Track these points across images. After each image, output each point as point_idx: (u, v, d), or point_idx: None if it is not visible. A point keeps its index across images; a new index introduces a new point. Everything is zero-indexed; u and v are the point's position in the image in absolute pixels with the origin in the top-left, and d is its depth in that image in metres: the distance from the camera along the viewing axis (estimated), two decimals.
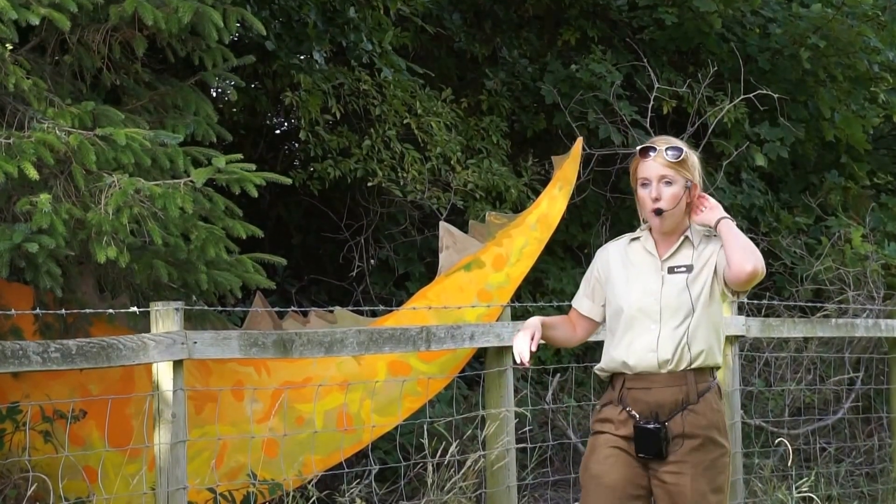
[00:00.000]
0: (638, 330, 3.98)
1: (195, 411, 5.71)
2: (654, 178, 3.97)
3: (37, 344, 4.50)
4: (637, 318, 3.98)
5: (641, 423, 3.95)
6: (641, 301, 3.98)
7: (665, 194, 3.97)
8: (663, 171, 3.97)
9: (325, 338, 5.33)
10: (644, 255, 4.05)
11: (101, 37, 5.81)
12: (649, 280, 4.00)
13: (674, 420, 3.94)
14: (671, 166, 3.97)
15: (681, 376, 3.95)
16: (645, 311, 3.97)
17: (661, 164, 3.97)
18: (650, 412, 3.95)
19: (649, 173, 3.99)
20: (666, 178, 3.97)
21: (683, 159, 3.97)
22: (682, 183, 3.97)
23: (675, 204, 3.97)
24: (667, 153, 3.97)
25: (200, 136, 6.12)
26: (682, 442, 3.93)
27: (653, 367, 3.95)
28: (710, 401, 3.97)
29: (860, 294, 9.12)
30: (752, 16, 10.02)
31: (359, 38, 8.23)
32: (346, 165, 8.17)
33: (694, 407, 3.94)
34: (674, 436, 3.93)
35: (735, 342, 6.94)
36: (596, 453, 4.01)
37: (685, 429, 3.93)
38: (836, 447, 8.49)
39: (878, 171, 10.92)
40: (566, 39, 9.79)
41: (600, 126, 9.21)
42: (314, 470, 5.96)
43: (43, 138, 5.18)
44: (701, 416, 3.94)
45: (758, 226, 10.04)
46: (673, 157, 3.97)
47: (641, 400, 3.96)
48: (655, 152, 3.98)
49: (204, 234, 5.55)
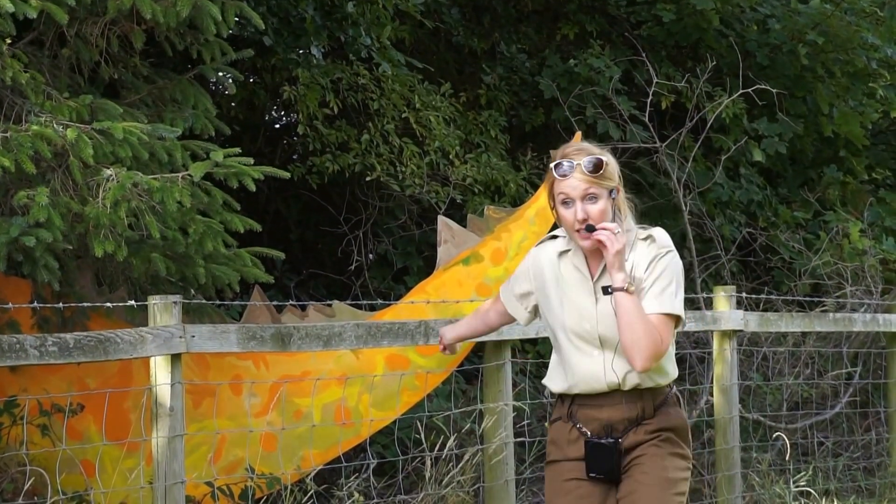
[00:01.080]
0: (580, 356, 3.69)
1: (193, 405, 5.71)
2: (577, 196, 3.61)
3: (34, 338, 4.50)
4: (577, 344, 3.69)
5: (593, 438, 3.68)
6: (579, 326, 3.68)
7: (592, 212, 3.61)
8: (585, 187, 3.61)
9: (324, 332, 5.33)
10: (574, 272, 3.71)
11: (99, 30, 5.80)
12: (583, 303, 3.68)
13: (627, 436, 3.69)
14: (593, 181, 3.61)
15: (636, 394, 3.67)
16: (584, 337, 3.68)
17: (582, 180, 3.61)
18: (603, 428, 3.69)
19: (570, 192, 3.62)
20: (589, 194, 3.62)
21: (604, 169, 3.62)
22: (606, 195, 3.62)
23: (604, 219, 3.62)
24: (586, 167, 3.60)
25: (199, 130, 6.12)
26: (634, 449, 3.69)
27: (602, 390, 3.68)
28: (665, 412, 3.71)
29: (858, 289, 9.12)
30: (751, 11, 10.02)
31: (357, 32, 8.21)
32: (344, 160, 8.17)
33: (649, 420, 3.69)
34: (628, 448, 3.69)
35: (733, 336, 6.94)
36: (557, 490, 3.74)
37: (638, 439, 3.69)
38: (834, 441, 8.49)
39: (877, 167, 10.92)
40: (565, 34, 9.78)
41: (599, 121, 9.21)
42: (312, 464, 5.96)
43: (40, 132, 5.17)
44: (656, 423, 3.69)
45: (756, 220, 10.04)
46: (593, 170, 3.60)
47: (594, 418, 3.70)
48: (573, 167, 3.61)
49: (202, 227, 5.54)
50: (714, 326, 6.87)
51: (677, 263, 3.68)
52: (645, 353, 3.55)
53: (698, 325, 6.80)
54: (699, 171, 9.58)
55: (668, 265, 3.65)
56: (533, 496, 7.23)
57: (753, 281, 9.88)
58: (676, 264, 3.68)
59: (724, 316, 6.86)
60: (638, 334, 3.55)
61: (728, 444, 6.92)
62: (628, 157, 9.45)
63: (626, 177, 10.47)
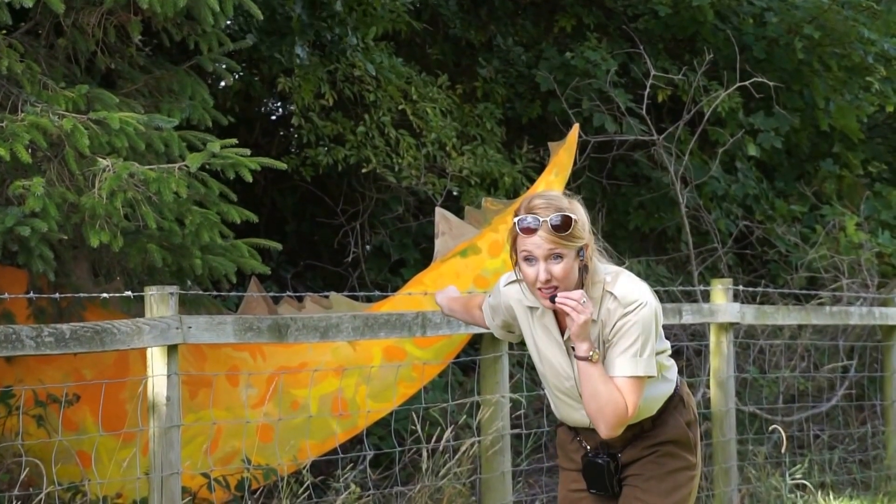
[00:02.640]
0: (568, 409, 3.62)
1: (189, 396, 5.70)
2: (541, 256, 3.39)
3: (30, 328, 4.48)
4: (562, 398, 3.61)
5: (590, 455, 3.61)
6: (559, 384, 3.58)
7: (555, 272, 3.40)
8: (550, 247, 3.39)
9: (321, 323, 5.32)
10: (545, 331, 3.57)
11: (96, 20, 5.78)
12: (560, 362, 3.56)
13: (625, 452, 3.61)
14: (559, 240, 3.38)
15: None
16: (567, 393, 3.59)
17: (547, 239, 3.38)
18: (600, 445, 3.61)
19: (534, 250, 3.40)
20: (554, 254, 3.40)
21: (572, 228, 3.38)
22: (573, 254, 3.41)
23: (569, 280, 3.42)
24: (553, 226, 3.37)
25: (196, 121, 6.10)
26: (633, 465, 3.60)
27: None
28: (667, 420, 3.59)
29: (854, 282, 9.13)
30: (748, 5, 10.01)
31: (344, 31, 8.17)
32: (338, 153, 8.15)
33: (648, 433, 3.60)
34: (626, 463, 3.60)
35: (730, 329, 6.95)
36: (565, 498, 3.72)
37: (636, 453, 3.60)
38: (830, 434, 8.50)
39: (873, 160, 10.93)
40: (562, 27, 9.77)
41: (595, 114, 9.20)
42: (309, 455, 5.96)
43: (36, 122, 5.16)
44: (656, 438, 3.58)
45: (753, 214, 10.05)
46: (559, 230, 3.37)
47: (591, 438, 3.62)
48: (538, 224, 3.37)
49: (198, 218, 5.53)
50: (711, 319, 6.87)
51: (645, 315, 3.45)
52: (609, 421, 3.43)
53: (695, 318, 6.80)
54: (696, 165, 9.58)
55: (635, 321, 3.44)
56: (529, 488, 7.23)
57: (750, 274, 9.89)
58: (644, 317, 3.45)
59: (720, 308, 6.87)
60: (601, 403, 3.41)
61: (724, 436, 6.92)
62: (625, 150, 9.45)
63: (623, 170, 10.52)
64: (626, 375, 3.45)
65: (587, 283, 3.47)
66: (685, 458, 3.59)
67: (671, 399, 3.61)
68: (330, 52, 8.25)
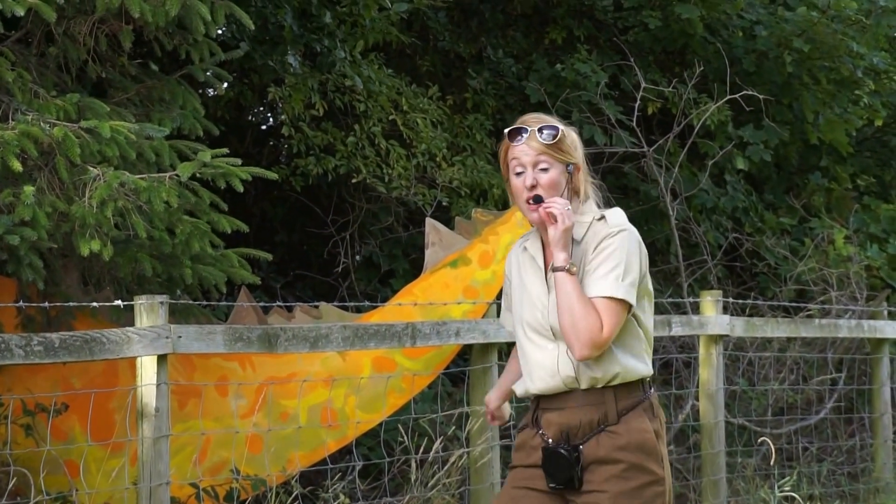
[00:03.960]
0: (534, 350, 3.49)
1: (178, 406, 5.68)
2: (529, 164, 3.44)
3: (19, 337, 4.47)
4: (532, 337, 3.49)
5: (551, 446, 3.44)
6: (532, 318, 3.48)
7: (542, 181, 3.43)
8: (538, 155, 3.44)
9: (311, 333, 5.32)
10: (530, 262, 3.53)
11: (88, 29, 5.77)
12: (537, 292, 3.49)
13: (588, 444, 3.42)
14: (547, 150, 3.43)
15: (598, 394, 3.42)
16: (537, 329, 3.48)
17: (536, 148, 3.43)
18: (562, 434, 3.44)
19: (522, 159, 3.44)
20: (542, 164, 3.43)
21: (560, 139, 3.43)
22: (560, 168, 3.44)
23: (555, 192, 3.43)
24: (540, 134, 3.43)
25: (187, 130, 6.10)
26: (599, 468, 3.41)
27: (560, 389, 3.45)
28: (634, 420, 3.43)
29: (843, 295, 9.15)
30: (738, 18, 10.04)
31: (333, 44, 8.18)
32: (328, 163, 8.15)
33: (613, 428, 3.42)
34: (589, 461, 3.42)
35: (719, 341, 6.95)
36: (502, 495, 3.55)
37: (602, 452, 3.41)
38: (819, 447, 8.51)
39: (861, 174, 10.97)
40: (552, 39, 9.79)
41: (585, 126, 9.22)
42: (298, 466, 5.95)
43: (27, 130, 5.15)
44: (620, 437, 3.41)
45: (742, 226, 10.07)
46: (548, 139, 3.43)
47: (555, 422, 3.46)
48: (527, 134, 3.43)
49: (189, 228, 5.52)
50: (700, 331, 6.88)
51: (631, 244, 3.43)
52: (583, 338, 3.33)
53: (685, 330, 6.81)
54: (685, 177, 9.60)
55: (619, 245, 3.41)
56: None
57: (739, 286, 9.91)
58: (629, 244, 3.42)
59: (710, 321, 6.87)
60: (575, 318, 3.34)
61: (713, 448, 6.93)
62: (615, 162, 9.46)
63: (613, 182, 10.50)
64: (604, 295, 3.37)
65: (576, 206, 3.47)
66: (653, 471, 3.42)
67: (641, 401, 3.46)
68: (320, 64, 8.26)
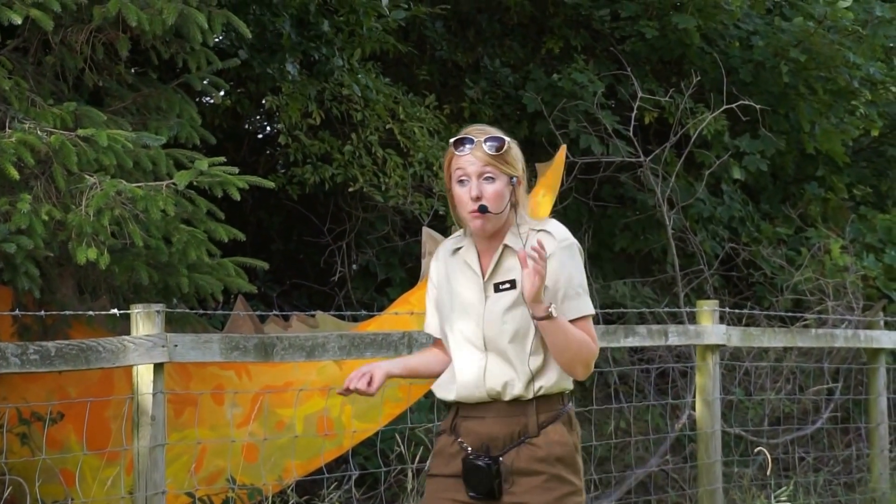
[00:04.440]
0: (464, 359, 3.49)
1: (174, 415, 5.68)
2: (474, 174, 3.44)
3: (15, 345, 4.46)
4: (462, 345, 3.50)
5: (471, 457, 3.46)
6: (464, 326, 3.49)
7: (487, 192, 3.44)
8: (483, 166, 3.44)
9: (307, 342, 5.31)
10: (465, 269, 3.54)
11: (85, 37, 5.77)
12: (472, 300, 3.50)
13: (508, 455, 3.44)
14: (492, 161, 3.44)
15: (520, 406, 3.45)
16: (468, 336, 3.49)
17: (481, 158, 3.44)
18: (481, 445, 3.46)
19: (468, 168, 3.45)
20: (487, 174, 3.44)
21: (506, 151, 3.45)
22: (505, 179, 3.45)
23: (500, 203, 3.44)
24: (487, 145, 3.44)
25: (184, 139, 6.10)
26: (519, 480, 3.43)
27: (484, 399, 3.47)
28: (553, 433, 3.46)
29: (839, 305, 9.15)
30: (734, 28, 10.06)
31: (331, 52, 8.19)
32: (325, 171, 8.15)
33: (533, 440, 3.44)
34: (509, 472, 3.44)
35: (716, 351, 6.95)
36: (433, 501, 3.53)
37: (522, 464, 3.43)
38: (815, 457, 8.51)
39: (857, 184, 10.98)
40: (549, 48, 9.80)
41: (582, 135, 9.22)
42: (294, 475, 5.94)
43: (24, 138, 5.15)
44: (540, 449, 3.44)
45: (738, 236, 10.08)
46: (493, 150, 3.44)
47: (474, 431, 3.47)
48: (473, 144, 3.45)
49: (185, 236, 5.52)
50: (697, 341, 6.88)
51: (578, 253, 3.52)
52: (587, 361, 3.43)
53: (681, 339, 6.81)
54: (682, 187, 9.60)
55: (574, 259, 3.49)
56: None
57: (736, 296, 9.91)
58: (579, 257, 3.52)
59: (706, 330, 6.87)
60: (574, 350, 3.40)
61: (710, 458, 6.92)
62: (611, 172, 9.47)
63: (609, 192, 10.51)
64: (584, 314, 3.46)
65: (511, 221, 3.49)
66: (572, 482, 3.46)
67: (560, 413, 3.49)
68: (318, 72, 8.27)
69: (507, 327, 3.44)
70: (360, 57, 8.34)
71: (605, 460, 7.96)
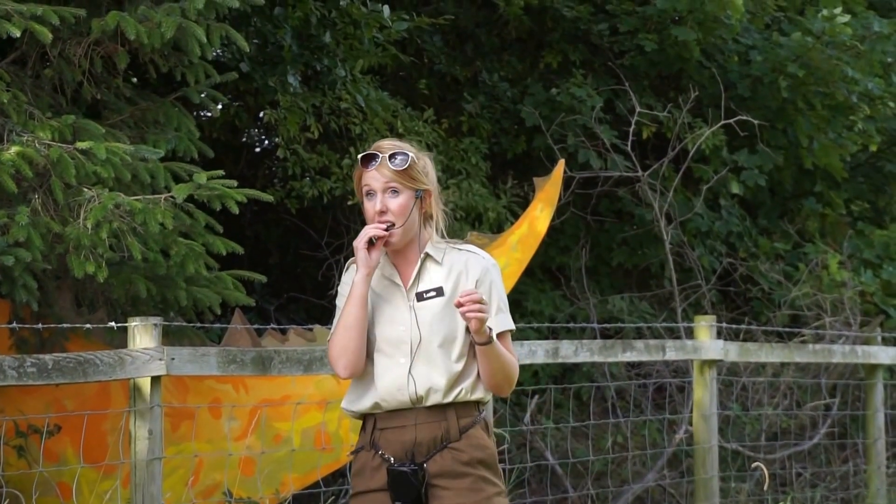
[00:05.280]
0: (385, 364, 3.53)
1: (171, 428, 5.67)
2: (379, 189, 3.53)
3: (13, 358, 4.46)
4: (385, 351, 3.53)
5: (395, 465, 3.48)
6: (389, 333, 3.53)
7: (392, 206, 3.52)
8: (387, 181, 3.52)
9: (304, 356, 5.31)
10: (386, 283, 3.58)
11: (83, 50, 5.77)
12: (397, 311, 3.55)
13: (433, 460, 3.50)
14: (396, 176, 3.52)
15: (439, 412, 3.51)
16: (393, 343, 3.53)
17: (385, 174, 3.52)
18: (405, 453, 3.50)
19: (373, 184, 3.54)
20: (391, 188, 3.53)
21: (410, 166, 3.52)
22: (409, 193, 3.53)
23: (404, 216, 3.52)
24: (391, 161, 3.52)
25: (182, 152, 6.09)
26: (447, 483, 3.49)
27: (405, 405, 3.51)
28: (474, 437, 3.53)
29: (837, 320, 9.16)
30: (733, 43, 10.07)
31: (333, 63, 8.21)
32: (323, 185, 8.15)
33: (456, 444, 3.51)
34: (434, 475, 3.49)
35: (713, 366, 6.95)
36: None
37: (446, 467, 3.50)
38: (812, 472, 8.50)
39: (855, 199, 10.98)
40: (548, 63, 9.81)
41: (580, 150, 9.23)
42: (291, 488, 5.93)
43: (22, 151, 5.14)
44: (463, 453, 3.50)
45: (736, 251, 10.08)
46: (398, 165, 3.52)
47: (396, 441, 3.51)
48: (378, 161, 3.53)
49: (184, 250, 5.52)
50: (694, 356, 6.88)
51: (499, 272, 3.64)
52: (513, 380, 3.57)
53: (679, 355, 6.81)
54: (680, 201, 9.61)
55: (500, 277, 3.61)
56: None
57: (733, 311, 9.91)
58: (499, 273, 3.63)
59: (704, 345, 6.87)
60: (507, 371, 3.53)
61: (707, 473, 6.91)
62: (609, 187, 9.48)
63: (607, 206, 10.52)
64: (508, 329, 3.59)
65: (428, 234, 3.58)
66: (497, 484, 3.56)
67: (477, 420, 3.56)
68: (320, 84, 8.28)
69: (435, 333, 3.51)
70: (361, 69, 8.36)
71: (601, 475, 7.96)
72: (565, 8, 9.64)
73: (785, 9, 10.39)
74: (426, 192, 3.57)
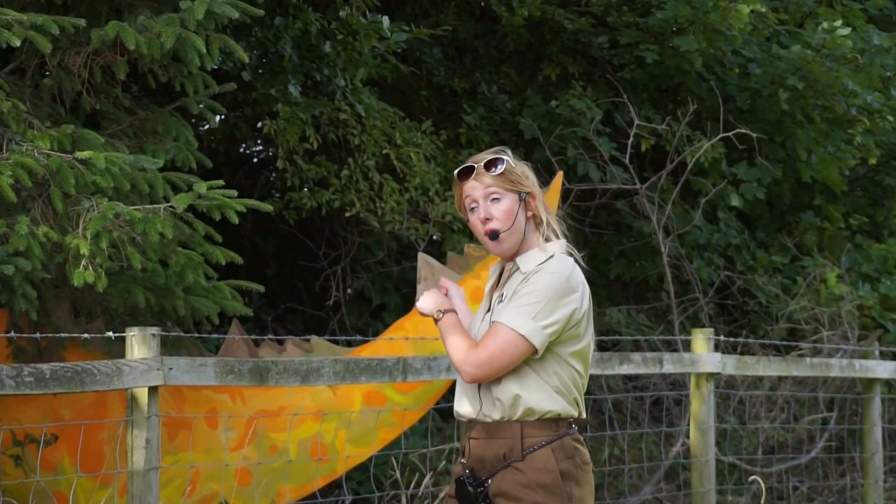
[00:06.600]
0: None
1: (168, 438, 5.67)
2: (480, 197, 3.47)
3: (10, 368, 4.45)
4: None
5: (461, 479, 3.46)
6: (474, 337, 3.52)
7: (495, 212, 3.45)
8: (487, 188, 3.46)
9: (302, 367, 5.30)
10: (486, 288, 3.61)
11: (82, 60, 5.78)
12: (477, 316, 3.57)
13: (496, 478, 3.42)
14: (495, 181, 3.45)
15: (506, 427, 3.41)
16: None
17: (484, 181, 3.46)
18: (474, 464, 3.47)
19: (474, 194, 3.48)
20: (493, 195, 3.46)
21: (507, 169, 3.46)
22: (513, 197, 3.46)
23: (510, 221, 3.45)
24: (487, 168, 3.46)
25: (181, 162, 6.10)
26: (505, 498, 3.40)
27: (471, 416, 3.47)
28: (539, 459, 3.39)
29: (835, 334, 9.16)
30: (732, 55, 10.09)
31: (333, 73, 8.22)
32: (322, 196, 8.16)
33: (518, 464, 3.39)
34: (494, 494, 3.41)
35: (710, 379, 6.94)
36: None
37: (505, 487, 3.40)
38: (809, 486, 8.50)
39: (854, 213, 10.99)
40: (546, 75, 9.83)
41: (579, 162, 9.24)
42: (287, 499, 5.92)
43: (21, 161, 5.15)
44: (523, 475, 3.38)
45: (734, 264, 10.08)
46: (494, 171, 3.46)
47: (472, 452, 3.48)
48: (474, 171, 3.48)
49: (183, 259, 5.52)
50: (692, 369, 6.87)
51: (554, 284, 3.40)
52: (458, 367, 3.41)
53: (676, 367, 6.80)
54: (678, 214, 9.62)
55: (539, 285, 3.40)
56: None
57: (731, 324, 9.91)
58: (551, 285, 3.40)
59: (701, 358, 6.87)
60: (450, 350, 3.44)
61: (704, 486, 6.91)
62: (608, 199, 9.49)
63: (605, 218, 10.53)
64: (507, 324, 3.37)
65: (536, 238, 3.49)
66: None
67: (552, 440, 3.41)
68: (320, 94, 8.29)
69: None
70: (360, 79, 8.37)
71: (598, 488, 7.94)
72: (566, 20, 9.65)
73: (785, 22, 10.41)
74: (529, 196, 3.48)
